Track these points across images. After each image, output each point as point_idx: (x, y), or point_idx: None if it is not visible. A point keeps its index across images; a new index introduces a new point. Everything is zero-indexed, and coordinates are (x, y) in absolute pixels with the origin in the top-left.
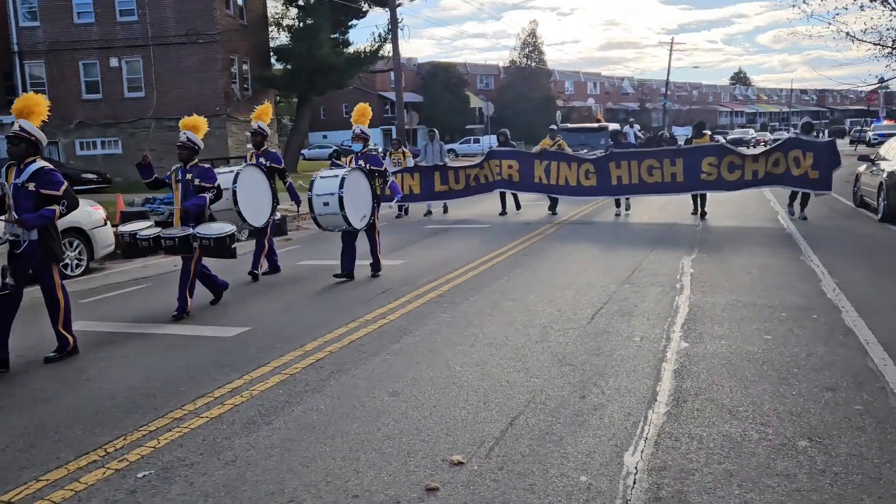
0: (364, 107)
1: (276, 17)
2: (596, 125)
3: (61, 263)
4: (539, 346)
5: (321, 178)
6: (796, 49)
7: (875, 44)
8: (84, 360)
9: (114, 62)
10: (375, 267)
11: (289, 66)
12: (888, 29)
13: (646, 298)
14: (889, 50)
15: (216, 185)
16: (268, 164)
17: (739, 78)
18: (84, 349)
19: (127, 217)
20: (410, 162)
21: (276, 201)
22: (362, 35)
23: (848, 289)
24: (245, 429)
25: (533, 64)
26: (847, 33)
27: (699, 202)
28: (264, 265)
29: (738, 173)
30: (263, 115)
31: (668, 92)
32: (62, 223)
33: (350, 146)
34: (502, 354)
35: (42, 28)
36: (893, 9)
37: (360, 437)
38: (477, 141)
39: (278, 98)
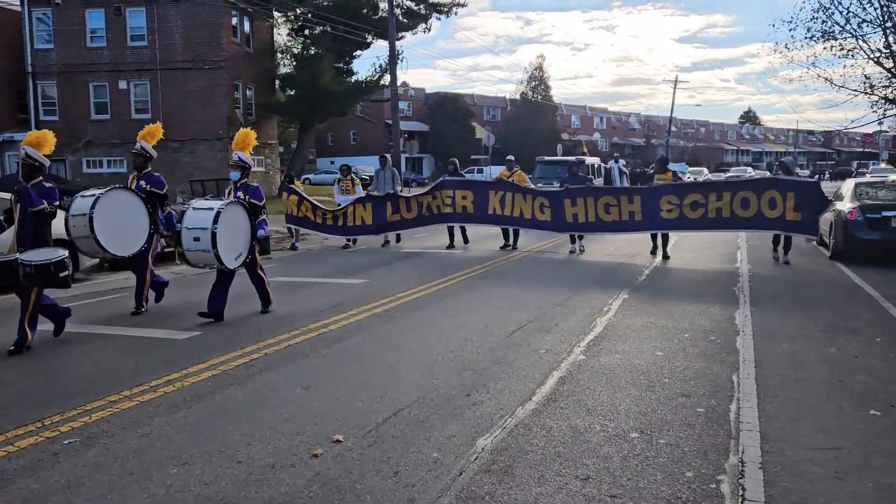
0: (245, 133)
1: (282, 46)
2: (573, 158)
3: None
4: (452, 355)
5: (194, 208)
6: (808, 90)
7: (852, 90)
8: (45, 354)
9: (123, 85)
10: (265, 303)
11: (292, 94)
12: (866, 77)
13: (569, 319)
14: (867, 96)
15: (43, 206)
16: (147, 188)
17: (749, 117)
18: (48, 345)
19: None
20: (359, 190)
21: (154, 229)
22: (366, 65)
23: (758, 316)
24: (168, 411)
25: (539, 97)
26: (826, 79)
27: (661, 242)
28: (151, 297)
29: (701, 211)
30: (244, 142)
31: (675, 129)
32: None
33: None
34: (417, 360)
35: (56, 50)
36: (869, 58)
37: (262, 420)
38: (480, 171)
39: (283, 124)
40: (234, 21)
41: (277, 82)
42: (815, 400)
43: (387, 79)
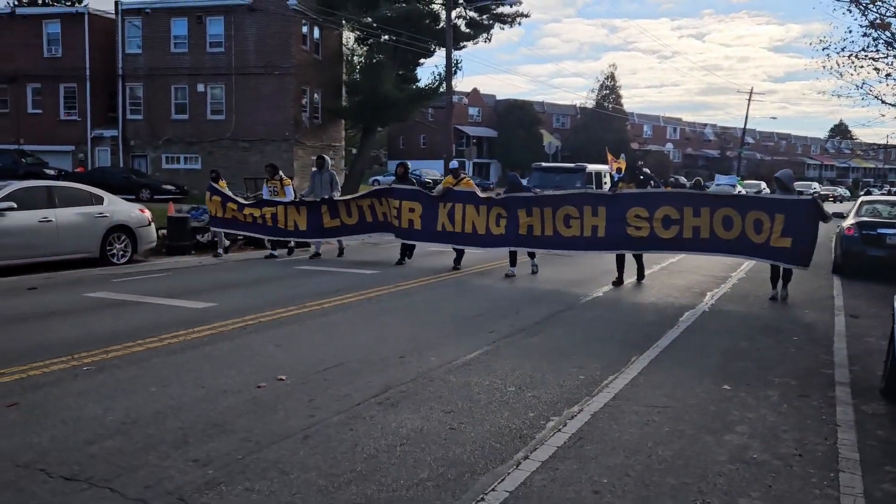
0: None
1: (348, 54)
2: (573, 165)
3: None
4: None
5: None
6: None
7: None
8: (88, 314)
9: (200, 87)
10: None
11: (356, 99)
12: None
13: (448, 344)
14: None
15: None
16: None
17: (840, 130)
18: (98, 309)
19: (172, 221)
20: (289, 192)
21: None
22: (430, 72)
23: (631, 384)
24: (166, 354)
25: (609, 106)
26: (875, 96)
27: (636, 264)
28: None
29: (675, 230)
30: None
31: (752, 141)
32: (112, 222)
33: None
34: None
35: (143, 55)
36: None
37: (233, 363)
38: None
39: (348, 128)
40: (305, 30)
41: (343, 88)
42: None
43: (453, 84)
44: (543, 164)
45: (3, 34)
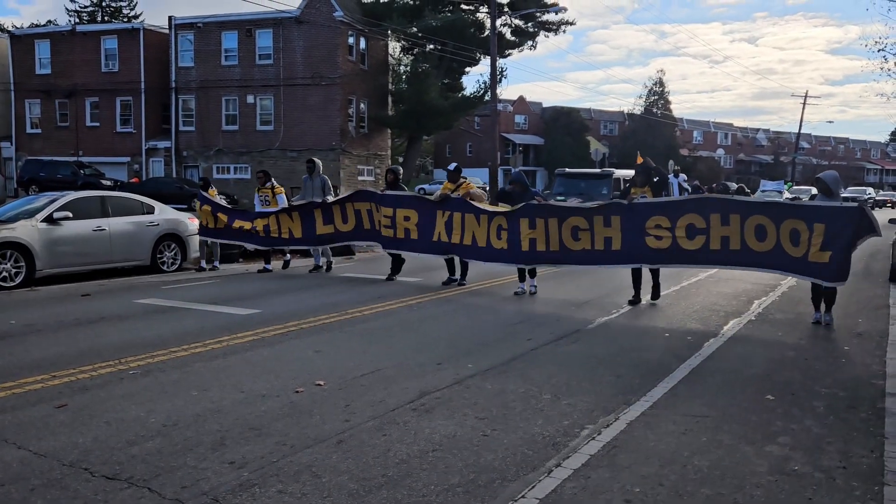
0: None
1: (393, 64)
2: (598, 171)
3: None
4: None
5: None
6: None
7: None
8: (138, 321)
9: (250, 99)
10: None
11: (402, 108)
12: None
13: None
14: None
15: None
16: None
17: None
18: (146, 315)
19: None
20: (282, 200)
21: None
22: (474, 80)
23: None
24: (209, 359)
25: (658, 111)
26: None
27: (652, 281)
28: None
29: (701, 240)
30: None
31: (808, 146)
32: (162, 230)
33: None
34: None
35: (195, 68)
36: None
37: (272, 368)
38: None
39: (394, 136)
40: (351, 40)
41: (389, 97)
42: None
43: (500, 92)
44: (567, 169)
45: (63, 51)
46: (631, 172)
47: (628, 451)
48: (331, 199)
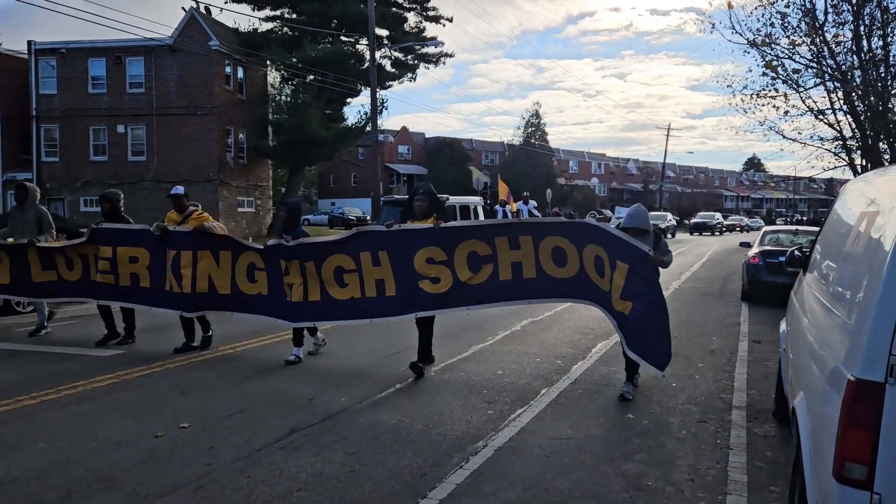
0: None
1: (273, 94)
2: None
3: None
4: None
5: None
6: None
7: (801, 142)
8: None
9: (120, 129)
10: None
11: (282, 138)
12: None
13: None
14: (815, 148)
15: None
16: None
17: (753, 163)
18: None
19: None
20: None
21: None
22: (357, 111)
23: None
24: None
25: (536, 142)
26: (776, 131)
27: (420, 339)
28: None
29: (488, 270)
30: None
31: (673, 175)
32: None
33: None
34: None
35: (59, 96)
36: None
37: (120, 408)
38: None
39: (276, 167)
40: (228, 70)
41: (269, 127)
42: None
43: (381, 123)
44: (395, 196)
45: None
46: (470, 199)
47: (494, 478)
48: (48, 237)
